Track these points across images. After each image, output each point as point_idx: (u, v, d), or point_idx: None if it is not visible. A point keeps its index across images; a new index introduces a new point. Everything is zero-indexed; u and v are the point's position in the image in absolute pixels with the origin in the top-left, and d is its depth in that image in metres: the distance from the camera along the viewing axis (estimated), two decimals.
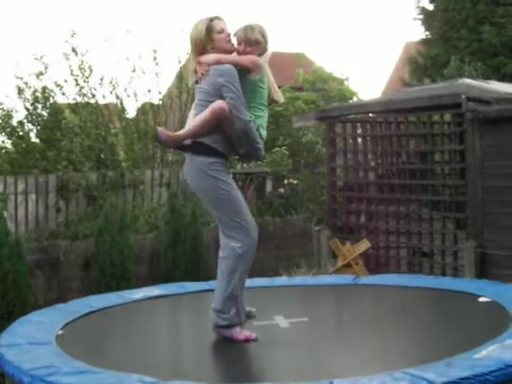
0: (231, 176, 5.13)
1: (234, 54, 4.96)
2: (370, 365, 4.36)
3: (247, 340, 4.91)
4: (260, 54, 4.99)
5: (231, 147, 4.96)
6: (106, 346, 5.34)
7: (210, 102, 4.81)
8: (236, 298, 4.92)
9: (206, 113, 4.80)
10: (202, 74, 4.87)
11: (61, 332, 5.42)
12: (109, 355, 4.98)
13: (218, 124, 4.80)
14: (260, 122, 4.95)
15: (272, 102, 5.22)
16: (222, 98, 4.78)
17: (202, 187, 4.93)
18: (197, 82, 4.98)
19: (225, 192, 4.86)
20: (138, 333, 5.62)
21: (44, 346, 4.92)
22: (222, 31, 4.94)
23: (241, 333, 4.94)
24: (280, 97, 5.26)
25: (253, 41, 4.95)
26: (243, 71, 4.90)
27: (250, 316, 5.34)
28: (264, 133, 5.01)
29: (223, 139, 4.87)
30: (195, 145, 4.87)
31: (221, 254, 4.99)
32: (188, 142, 4.91)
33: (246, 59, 4.90)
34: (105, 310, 6.26)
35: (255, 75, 4.92)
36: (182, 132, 4.92)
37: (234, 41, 5.03)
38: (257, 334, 5.00)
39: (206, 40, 4.90)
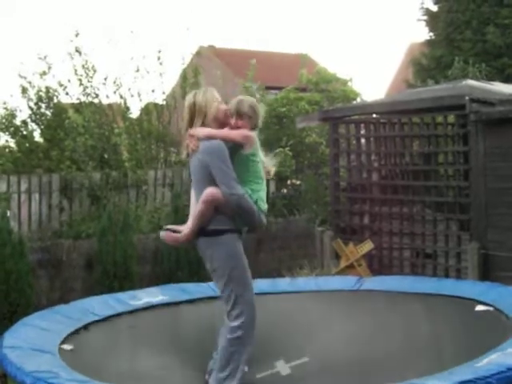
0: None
1: (227, 129, 4.91)
2: (373, 377, 4.35)
3: None
4: (252, 128, 4.95)
5: (237, 220, 4.90)
6: (108, 359, 5.28)
7: (202, 179, 4.80)
8: (235, 370, 4.78)
9: (199, 206, 4.79)
10: (192, 150, 4.84)
11: (64, 346, 5.37)
12: (111, 368, 4.96)
13: (216, 208, 4.78)
14: (258, 196, 4.89)
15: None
16: (211, 175, 4.74)
17: (216, 265, 4.85)
18: (188, 155, 4.94)
19: (236, 268, 4.81)
20: (140, 345, 5.59)
21: (46, 355, 4.91)
22: (221, 103, 4.95)
23: None
24: (272, 170, 5.19)
25: (243, 114, 4.90)
26: (235, 146, 4.86)
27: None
28: (264, 206, 4.94)
29: (226, 217, 4.83)
30: (205, 232, 4.85)
31: (223, 330, 4.89)
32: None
33: (237, 134, 4.85)
34: (107, 319, 6.20)
35: (247, 150, 4.87)
36: (186, 232, 4.88)
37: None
38: None
39: (214, 110, 4.87)
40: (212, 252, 4.84)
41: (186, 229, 4.91)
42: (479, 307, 5.96)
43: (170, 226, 5.08)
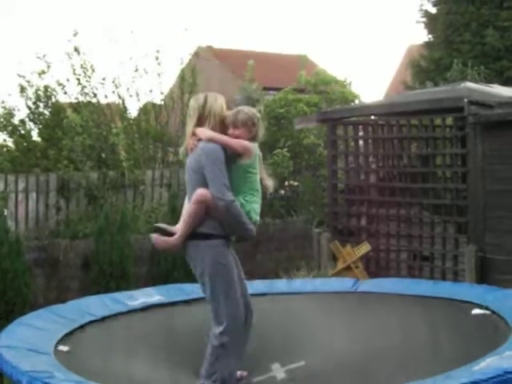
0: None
1: (228, 137, 4.92)
2: (369, 380, 4.33)
3: None
4: (252, 139, 4.96)
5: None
6: (104, 360, 5.27)
7: (196, 180, 4.82)
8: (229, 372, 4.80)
9: (191, 206, 4.81)
10: (190, 149, 4.87)
11: (60, 347, 5.36)
12: (108, 369, 4.95)
13: (207, 211, 4.78)
14: (251, 207, 4.87)
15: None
16: (205, 176, 4.76)
17: (201, 270, 4.86)
18: (186, 154, 4.97)
19: (221, 276, 4.80)
20: (136, 345, 5.58)
21: (42, 356, 4.90)
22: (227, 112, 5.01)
23: None
24: (270, 185, 5.18)
25: (239, 123, 4.91)
26: (234, 155, 4.87)
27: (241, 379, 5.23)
28: (256, 218, 4.92)
29: (218, 223, 4.82)
30: (194, 234, 4.85)
31: (210, 334, 4.89)
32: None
33: (236, 143, 4.86)
34: (103, 319, 6.19)
35: (245, 160, 4.88)
36: (177, 236, 4.87)
37: None
38: None
39: (222, 117, 4.91)
40: (198, 256, 4.84)
41: (177, 231, 4.88)
42: (476, 311, 5.95)
43: (161, 225, 5.04)
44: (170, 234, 4.89)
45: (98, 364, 5.18)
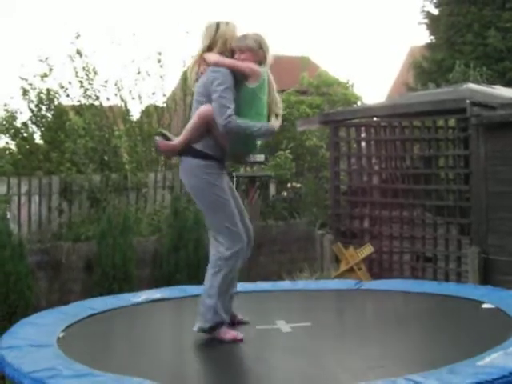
0: (231, 178, 5.14)
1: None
2: (372, 371, 4.31)
3: (234, 340, 4.90)
4: (260, 63, 4.99)
5: (225, 151, 5.01)
6: (107, 349, 5.31)
7: (202, 102, 4.89)
8: (220, 299, 4.93)
9: (193, 118, 4.91)
10: (200, 73, 4.94)
11: (62, 334, 5.40)
12: (110, 358, 4.95)
13: (208, 128, 4.87)
14: None
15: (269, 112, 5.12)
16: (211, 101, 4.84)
17: (195, 188, 5.01)
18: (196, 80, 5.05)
19: (216, 197, 4.92)
20: (139, 336, 5.59)
21: (45, 349, 4.89)
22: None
23: (226, 333, 4.94)
24: (279, 108, 5.19)
25: (244, 48, 4.95)
26: (242, 78, 4.90)
27: (242, 323, 5.33)
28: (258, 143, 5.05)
29: (216, 144, 4.93)
30: (189, 149, 4.94)
31: (210, 256, 5.07)
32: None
33: (243, 65, 4.90)
34: (106, 312, 6.23)
35: (252, 82, 4.90)
36: (177, 141, 4.98)
37: None
38: (258, 338, 5.00)
39: (232, 42, 4.96)
40: (191, 173, 4.95)
41: (177, 139, 4.99)
42: (486, 305, 5.96)
43: (165, 132, 5.17)
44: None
45: (102, 352, 5.19)
